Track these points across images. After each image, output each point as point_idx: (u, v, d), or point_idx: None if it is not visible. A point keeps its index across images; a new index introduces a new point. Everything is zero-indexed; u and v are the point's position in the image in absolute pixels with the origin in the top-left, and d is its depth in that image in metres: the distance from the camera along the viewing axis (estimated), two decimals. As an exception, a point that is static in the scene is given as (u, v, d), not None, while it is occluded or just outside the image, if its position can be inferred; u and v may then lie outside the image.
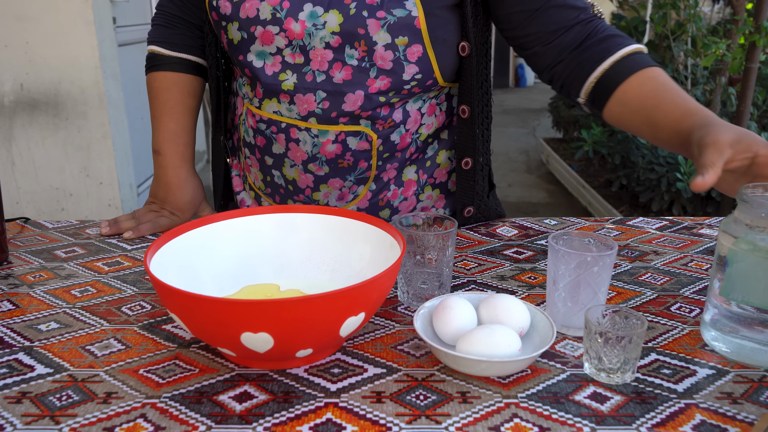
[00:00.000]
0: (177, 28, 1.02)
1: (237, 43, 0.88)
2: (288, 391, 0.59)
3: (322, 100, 0.87)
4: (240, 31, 0.87)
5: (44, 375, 0.61)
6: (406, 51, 0.85)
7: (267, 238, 0.76)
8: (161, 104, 1.02)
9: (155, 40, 1.03)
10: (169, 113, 1.02)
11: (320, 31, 0.84)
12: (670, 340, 0.69)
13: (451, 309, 0.64)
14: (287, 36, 0.85)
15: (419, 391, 0.59)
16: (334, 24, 0.83)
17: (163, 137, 1.03)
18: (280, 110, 0.90)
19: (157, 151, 1.04)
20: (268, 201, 1.00)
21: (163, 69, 1.02)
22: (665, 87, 0.84)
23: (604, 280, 0.68)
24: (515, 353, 0.60)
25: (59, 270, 0.86)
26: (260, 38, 0.86)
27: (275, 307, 0.54)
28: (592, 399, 0.58)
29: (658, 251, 0.93)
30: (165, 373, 0.62)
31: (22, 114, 2.96)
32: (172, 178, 1.04)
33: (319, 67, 0.86)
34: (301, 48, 0.85)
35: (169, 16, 1.02)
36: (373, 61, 0.85)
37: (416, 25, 0.83)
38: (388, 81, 0.87)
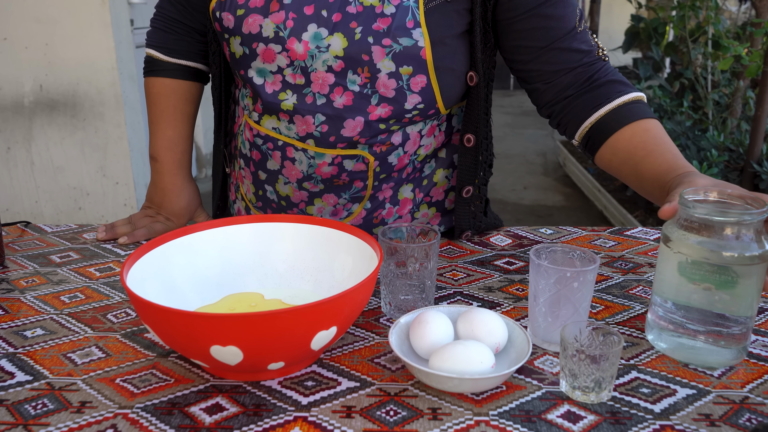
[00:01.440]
0: (176, 33, 1.01)
1: (239, 57, 0.87)
2: (259, 403, 0.59)
3: (321, 124, 0.86)
4: (242, 46, 0.86)
5: (23, 382, 0.62)
6: (409, 81, 0.83)
7: (250, 247, 0.76)
8: (159, 111, 1.03)
9: (154, 44, 1.03)
10: (166, 121, 1.03)
11: (323, 53, 0.82)
12: (653, 358, 0.67)
13: (427, 323, 0.64)
14: (289, 56, 0.84)
15: (390, 407, 0.59)
16: (338, 48, 0.82)
17: (160, 144, 1.03)
18: (279, 128, 0.89)
19: (154, 158, 1.05)
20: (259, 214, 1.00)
21: (161, 75, 1.02)
22: (656, 140, 0.84)
23: (585, 295, 0.67)
24: (488, 370, 0.59)
25: (52, 275, 0.87)
26: (262, 55, 0.85)
27: (243, 321, 0.54)
28: (565, 418, 0.57)
29: (652, 263, 0.91)
30: (141, 383, 0.62)
31: (41, 114, 3.02)
32: (168, 184, 1.04)
33: (320, 90, 0.85)
34: (302, 69, 0.84)
35: (168, 19, 1.02)
36: (375, 88, 0.83)
37: (422, 55, 0.82)
38: (390, 109, 0.85)
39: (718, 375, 0.64)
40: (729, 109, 3.09)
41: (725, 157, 2.59)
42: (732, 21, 3.96)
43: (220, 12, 0.87)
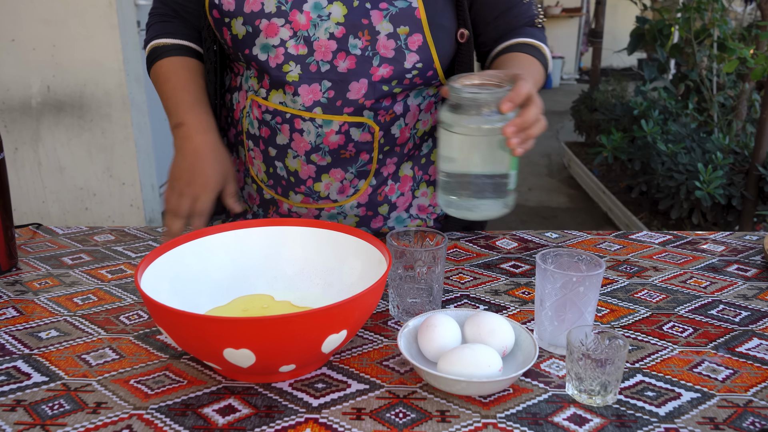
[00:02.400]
0: (174, 22, 1.02)
1: (242, 37, 0.90)
2: (271, 405, 0.60)
3: (327, 90, 0.90)
4: (245, 26, 0.89)
5: (39, 383, 0.64)
6: (407, 40, 0.88)
7: (260, 250, 0.77)
8: (173, 85, 0.98)
9: (154, 36, 1.02)
10: (182, 89, 0.97)
11: (325, 21, 0.87)
12: (659, 361, 0.68)
13: (435, 327, 0.65)
14: (292, 27, 0.88)
15: (399, 409, 0.60)
16: (338, 15, 0.87)
17: (183, 109, 0.95)
18: (285, 101, 0.92)
19: (179, 124, 0.95)
20: (269, 193, 1.01)
21: (168, 56, 1.00)
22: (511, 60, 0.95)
23: (591, 299, 0.68)
24: (495, 373, 0.60)
25: (64, 277, 0.88)
26: (264, 31, 0.88)
27: (256, 324, 0.55)
28: (571, 421, 0.58)
29: (657, 267, 0.92)
30: (154, 384, 0.63)
31: (48, 115, 3.04)
32: (200, 145, 0.92)
33: (323, 57, 0.89)
34: (305, 39, 0.88)
35: (164, 16, 1.02)
36: (376, 50, 0.88)
37: (416, 15, 0.88)
38: (391, 69, 0.90)
39: (722, 379, 0.65)
40: (734, 112, 3.09)
41: (730, 159, 2.59)
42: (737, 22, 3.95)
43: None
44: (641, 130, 3.10)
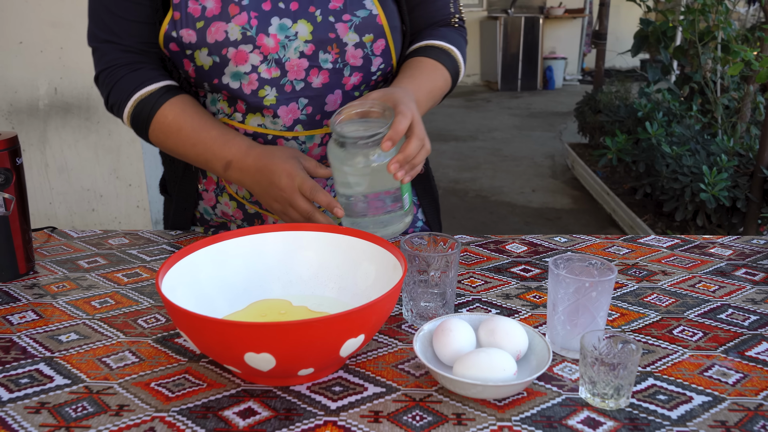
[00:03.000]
0: (143, 68, 0.92)
1: (209, 68, 0.88)
2: (290, 408, 0.61)
3: (305, 107, 0.92)
4: (210, 56, 0.87)
5: (62, 386, 0.65)
6: (372, 46, 0.92)
7: (276, 255, 0.78)
8: (190, 130, 0.90)
9: (131, 91, 0.90)
10: (202, 129, 0.90)
11: (293, 41, 0.88)
12: (669, 365, 0.69)
13: (450, 331, 0.66)
14: (261, 52, 0.88)
15: (416, 412, 0.61)
16: (305, 33, 0.88)
17: (218, 147, 0.89)
18: (264, 123, 0.93)
19: (227, 165, 0.88)
20: (253, 208, 1.01)
21: (162, 103, 0.90)
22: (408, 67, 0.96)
23: (603, 304, 0.69)
24: (510, 377, 0.62)
25: (81, 280, 0.90)
26: (233, 59, 0.87)
27: (277, 329, 0.56)
28: (585, 424, 0.59)
29: (666, 271, 0.93)
30: (175, 387, 0.65)
31: (55, 117, 3.06)
32: (256, 167, 0.86)
33: (297, 77, 0.90)
34: (276, 61, 0.89)
35: (129, 66, 0.92)
36: (346, 61, 0.91)
37: (378, 21, 0.91)
38: (360, 76, 0.94)
39: (732, 382, 0.66)
40: (738, 114, 3.10)
41: (735, 162, 2.60)
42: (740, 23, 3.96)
43: (176, 31, 0.86)
44: (645, 132, 3.11)
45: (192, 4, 0.86)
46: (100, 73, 0.94)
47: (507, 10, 8.51)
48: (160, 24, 0.89)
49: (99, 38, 0.92)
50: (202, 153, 0.90)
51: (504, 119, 6.70)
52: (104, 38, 0.92)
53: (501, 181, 4.54)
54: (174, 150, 0.93)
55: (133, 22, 0.90)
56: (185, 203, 1.06)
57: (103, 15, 0.91)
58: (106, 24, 0.91)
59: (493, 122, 6.53)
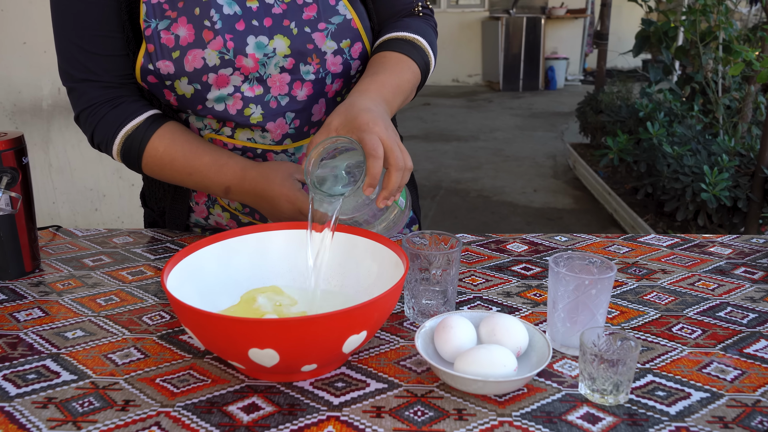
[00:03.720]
0: (125, 102, 0.91)
1: (191, 96, 0.87)
2: (293, 403, 0.62)
3: (292, 120, 0.92)
4: (191, 85, 0.86)
5: (69, 381, 0.66)
6: (350, 51, 0.92)
7: (280, 252, 0.79)
8: (183, 160, 0.89)
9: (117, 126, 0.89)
10: (194, 156, 0.89)
11: (272, 58, 0.88)
12: (668, 362, 0.70)
13: (451, 328, 0.67)
14: (242, 72, 0.87)
15: (417, 407, 0.62)
16: (283, 48, 0.88)
17: (213, 173, 0.89)
18: (254, 137, 0.93)
19: (226, 190, 0.90)
20: (247, 219, 1.00)
21: (150, 135, 0.89)
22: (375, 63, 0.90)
23: (603, 302, 0.70)
24: (510, 373, 0.62)
25: (86, 278, 0.91)
26: (215, 84, 0.86)
27: (281, 325, 0.57)
28: (585, 419, 0.60)
29: (666, 269, 0.94)
30: (180, 383, 0.66)
31: (59, 117, 3.07)
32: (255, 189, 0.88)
33: (280, 92, 0.90)
34: (258, 79, 0.88)
35: (110, 102, 0.90)
36: (327, 69, 0.91)
37: (353, 26, 0.91)
38: (341, 81, 0.94)
39: (731, 379, 0.67)
40: (740, 114, 3.10)
41: (736, 161, 2.61)
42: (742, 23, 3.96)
43: (153, 63, 0.85)
44: (647, 132, 3.11)
45: (165, 34, 0.84)
46: (81, 112, 0.91)
47: (509, 11, 8.52)
48: (134, 54, 0.87)
49: (75, 78, 0.89)
50: (199, 181, 0.90)
51: (506, 119, 6.71)
52: (81, 77, 0.89)
53: (503, 181, 4.55)
54: (171, 180, 0.93)
55: (107, 57, 0.88)
56: (177, 219, 1.05)
57: (76, 54, 0.87)
58: (80, 62, 0.88)
59: (494, 122, 6.54)
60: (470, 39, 9.07)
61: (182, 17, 0.84)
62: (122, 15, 0.85)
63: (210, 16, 0.84)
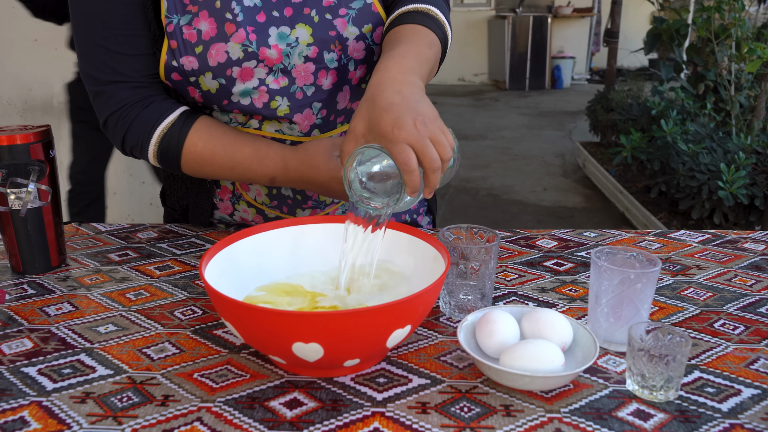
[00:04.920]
0: (155, 102, 0.88)
1: (216, 91, 0.86)
2: (336, 399, 0.61)
3: (319, 110, 0.91)
4: (216, 80, 0.85)
5: (105, 376, 0.65)
6: (372, 35, 0.90)
7: (316, 246, 0.78)
8: (224, 153, 0.87)
9: (151, 126, 0.86)
10: (235, 149, 0.87)
11: (296, 47, 0.86)
12: (714, 358, 0.69)
13: (494, 323, 0.65)
14: (266, 65, 0.86)
15: (463, 403, 0.60)
16: (305, 36, 0.86)
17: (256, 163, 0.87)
18: (281, 129, 0.91)
19: (272, 179, 0.88)
20: (273, 213, 0.99)
21: (186, 132, 0.87)
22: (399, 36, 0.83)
23: (648, 296, 0.68)
24: (558, 368, 0.61)
25: (114, 273, 0.90)
26: (239, 78, 0.85)
27: (327, 319, 0.56)
28: (636, 416, 0.59)
29: (700, 265, 0.92)
30: (218, 378, 0.64)
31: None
32: (303, 174, 0.85)
33: (306, 82, 0.88)
34: (282, 71, 0.87)
35: (138, 104, 0.88)
36: (349, 56, 0.90)
37: (374, 9, 0.89)
38: (364, 67, 0.92)
39: (781, 376, 0.65)
40: (753, 112, 3.08)
41: (753, 159, 2.59)
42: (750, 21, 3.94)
43: (176, 60, 0.84)
44: (661, 130, 3.09)
45: (187, 29, 0.83)
46: (110, 116, 0.88)
47: (515, 9, 8.50)
48: (158, 51, 0.86)
49: (102, 81, 0.86)
50: (242, 174, 0.88)
51: (513, 118, 6.69)
52: (108, 80, 0.86)
53: (512, 180, 4.53)
54: (212, 175, 0.90)
55: (134, 56, 0.86)
56: (201, 216, 1.04)
57: (102, 56, 0.85)
58: (106, 64, 0.85)
59: (501, 121, 6.52)
60: (476, 38, 9.05)
61: (203, 11, 0.83)
62: (148, 11, 0.84)
63: (231, 8, 0.83)
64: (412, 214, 1.10)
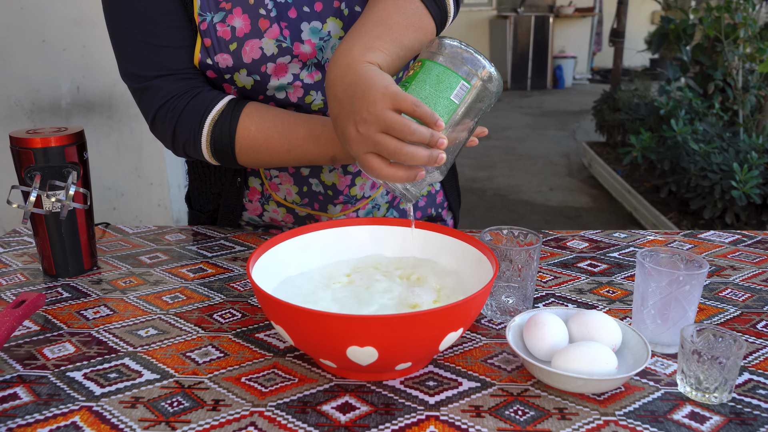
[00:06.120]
0: (201, 92, 0.87)
1: (251, 87, 0.86)
2: (388, 403, 0.60)
3: None
4: (250, 76, 0.85)
5: (152, 381, 0.64)
6: None
7: (360, 248, 0.78)
8: (280, 136, 0.84)
9: (200, 116, 0.85)
10: (290, 130, 0.84)
11: (328, 41, 0.86)
12: (761, 360, 0.68)
13: (544, 325, 0.65)
14: (300, 60, 0.85)
15: (517, 406, 0.60)
16: (337, 30, 0.86)
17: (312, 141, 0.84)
18: None
19: (332, 159, 0.85)
20: (305, 211, 0.99)
21: (236, 118, 0.85)
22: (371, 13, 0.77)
23: (695, 298, 0.68)
24: (612, 371, 0.61)
25: (147, 276, 0.89)
26: (274, 73, 0.85)
27: (384, 322, 0.55)
28: (691, 419, 0.58)
29: (734, 266, 0.92)
30: (266, 382, 0.64)
31: (77, 116, 3.06)
32: None
33: None
34: (316, 65, 0.87)
35: (186, 95, 0.86)
36: None
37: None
38: None
39: (832, 377, 0.65)
40: (762, 112, 3.08)
41: (765, 159, 2.58)
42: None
43: (211, 58, 0.83)
44: (671, 129, 3.09)
45: (221, 27, 0.82)
46: (158, 111, 0.86)
47: (516, 9, 8.49)
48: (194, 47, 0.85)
49: (147, 77, 0.85)
50: (299, 157, 0.85)
51: (516, 118, 6.68)
52: (154, 74, 0.85)
53: (518, 180, 4.53)
54: (269, 162, 0.87)
55: (177, 48, 0.85)
56: (230, 217, 1.04)
57: (145, 51, 0.84)
58: (150, 59, 0.85)
59: (505, 121, 6.52)
60: (478, 38, 9.05)
61: (237, 8, 0.83)
62: (188, 5, 0.84)
63: (264, 4, 0.83)
64: (437, 208, 1.09)
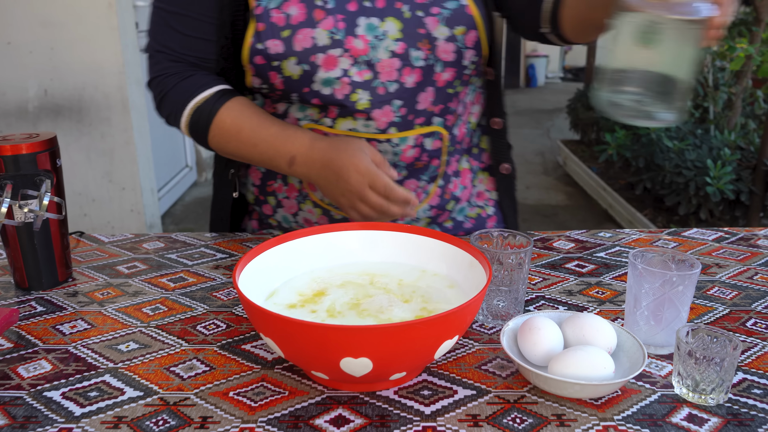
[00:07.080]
0: (196, 75, 0.90)
1: (298, 77, 0.85)
2: (383, 414, 0.59)
3: (399, 108, 0.88)
4: (299, 65, 0.84)
5: (135, 398, 0.61)
6: (464, 39, 0.88)
7: (351, 253, 0.76)
8: (249, 130, 0.86)
9: (187, 97, 0.88)
10: (261, 127, 0.86)
11: (383, 41, 0.85)
12: (754, 358, 0.68)
13: (539, 330, 0.64)
14: (351, 55, 0.84)
15: (514, 414, 0.59)
16: (394, 31, 0.85)
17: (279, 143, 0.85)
18: (355, 127, 0.88)
19: (291, 160, 0.85)
20: (340, 214, 0.97)
21: (219, 107, 0.87)
22: None
23: (688, 298, 0.68)
24: (610, 375, 0.60)
25: (125, 287, 0.86)
26: (323, 65, 0.84)
27: (378, 333, 0.54)
28: (689, 421, 0.58)
29: (720, 264, 0.92)
30: (255, 396, 0.62)
31: (45, 120, 2.98)
32: (321, 160, 0.83)
33: (389, 78, 0.86)
34: (367, 63, 0.85)
35: (179, 74, 0.90)
36: (437, 56, 0.87)
37: (468, 12, 0.87)
38: (453, 71, 0.89)
39: (825, 375, 0.65)
40: (732, 109, 3.14)
41: (738, 155, 2.63)
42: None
43: (262, 42, 0.83)
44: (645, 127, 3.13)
45: (275, 13, 0.83)
46: (153, 79, 0.92)
47: (489, 9, 8.54)
48: (226, 40, 0.88)
49: (153, 48, 0.91)
50: (264, 151, 0.86)
51: (491, 117, 6.71)
52: (157, 48, 0.91)
53: (494, 179, 4.54)
54: (236, 153, 0.89)
55: (188, 37, 0.89)
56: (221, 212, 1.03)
57: (161, 26, 0.90)
58: (161, 35, 0.90)
59: (480, 120, 6.54)
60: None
61: None
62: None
63: None
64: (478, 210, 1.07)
